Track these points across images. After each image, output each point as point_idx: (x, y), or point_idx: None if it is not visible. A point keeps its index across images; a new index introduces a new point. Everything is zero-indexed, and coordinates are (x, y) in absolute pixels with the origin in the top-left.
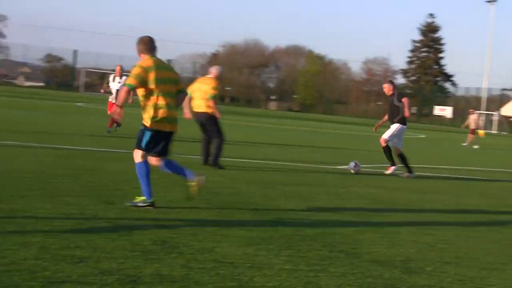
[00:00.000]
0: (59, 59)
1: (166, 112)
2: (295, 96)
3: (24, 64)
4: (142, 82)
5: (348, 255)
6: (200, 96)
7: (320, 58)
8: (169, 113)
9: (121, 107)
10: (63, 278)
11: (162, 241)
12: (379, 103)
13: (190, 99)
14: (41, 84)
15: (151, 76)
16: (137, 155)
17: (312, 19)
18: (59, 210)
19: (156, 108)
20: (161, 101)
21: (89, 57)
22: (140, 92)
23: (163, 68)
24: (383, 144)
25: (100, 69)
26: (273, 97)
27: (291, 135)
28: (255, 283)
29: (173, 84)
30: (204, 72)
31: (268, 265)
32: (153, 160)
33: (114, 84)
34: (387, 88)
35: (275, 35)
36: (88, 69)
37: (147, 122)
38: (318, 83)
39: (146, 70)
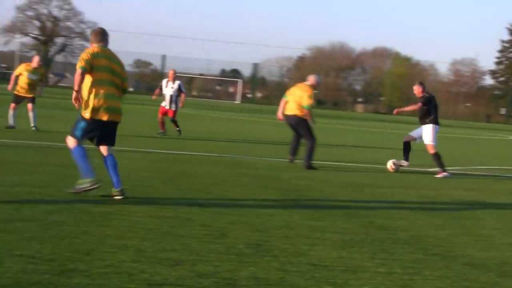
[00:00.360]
0: (148, 64)
1: (106, 102)
2: (381, 98)
3: None
4: (91, 66)
5: (443, 258)
6: (294, 99)
7: (407, 60)
8: (109, 102)
9: (77, 91)
10: (160, 280)
11: (255, 244)
12: (468, 104)
13: (285, 102)
14: (130, 89)
15: (95, 62)
16: (70, 142)
17: (398, 20)
18: (153, 213)
19: (96, 96)
20: (102, 90)
21: (177, 62)
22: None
23: (109, 59)
24: (432, 151)
25: (188, 74)
26: (360, 100)
27: (378, 137)
28: (350, 286)
29: (118, 77)
30: (290, 75)
31: (363, 268)
32: (102, 150)
33: (167, 89)
34: (416, 90)
35: (361, 37)
36: (176, 74)
37: (85, 110)
38: (404, 85)
39: (92, 56)
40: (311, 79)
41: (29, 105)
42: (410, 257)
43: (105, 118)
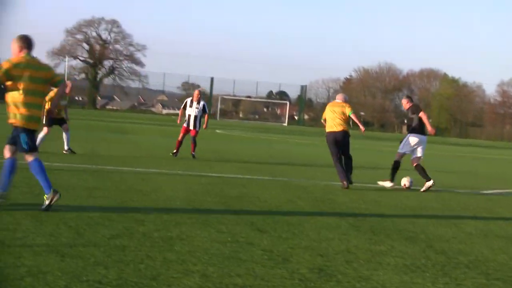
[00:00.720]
0: (196, 86)
1: (31, 111)
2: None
3: (161, 92)
4: (9, 76)
5: (505, 282)
6: (335, 116)
7: (454, 81)
8: (33, 111)
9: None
10: None
11: (318, 269)
12: None
13: (326, 121)
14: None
15: (19, 73)
16: (30, 157)
17: (445, 41)
18: (214, 238)
19: (22, 106)
20: (27, 100)
21: (225, 84)
22: (9, 88)
23: (34, 67)
24: (414, 164)
25: (235, 96)
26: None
27: (428, 159)
28: None
29: (43, 84)
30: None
31: None
32: (6, 151)
33: (192, 109)
34: (404, 103)
35: (408, 59)
36: (223, 96)
37: (19, 121)
38: (452, 106)
39: (15, 66)
40: (340, 97)
41: (65, 126)
42: (473, 282)
43: (33, 127)
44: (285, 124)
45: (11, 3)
